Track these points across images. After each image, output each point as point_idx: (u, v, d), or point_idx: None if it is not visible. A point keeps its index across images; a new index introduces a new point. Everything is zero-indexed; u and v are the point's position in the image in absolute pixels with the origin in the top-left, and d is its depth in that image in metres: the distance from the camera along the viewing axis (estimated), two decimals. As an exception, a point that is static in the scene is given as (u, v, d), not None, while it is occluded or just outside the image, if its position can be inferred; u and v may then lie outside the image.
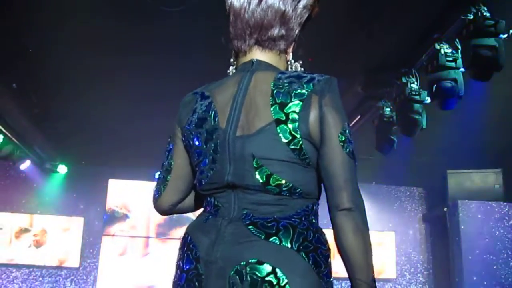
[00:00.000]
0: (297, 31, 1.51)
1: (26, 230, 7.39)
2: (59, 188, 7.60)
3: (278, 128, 1.36)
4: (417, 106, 3.89)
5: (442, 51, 3.42)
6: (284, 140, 1.36)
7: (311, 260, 1.34)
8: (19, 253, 7.32)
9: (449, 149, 6.23)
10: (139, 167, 7.53)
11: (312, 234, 1.38)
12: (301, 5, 1.48)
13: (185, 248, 1.44)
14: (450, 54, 3.42)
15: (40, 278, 7.39)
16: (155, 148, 6.57)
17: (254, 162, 1.37)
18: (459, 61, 3.43)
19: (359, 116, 5.04)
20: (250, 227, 1.35)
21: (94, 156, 7.13)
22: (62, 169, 7.52)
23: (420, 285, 7.94)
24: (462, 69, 3.47)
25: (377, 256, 7.76)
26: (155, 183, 1.65)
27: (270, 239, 1.33)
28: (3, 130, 5.98)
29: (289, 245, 1.33)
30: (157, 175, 1.73)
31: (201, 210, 1.56)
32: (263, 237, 1.33)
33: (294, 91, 1.38)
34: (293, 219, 1.37)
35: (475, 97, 4.41)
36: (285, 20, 1.47)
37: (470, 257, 6.88)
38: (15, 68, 4.86)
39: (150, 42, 4.43)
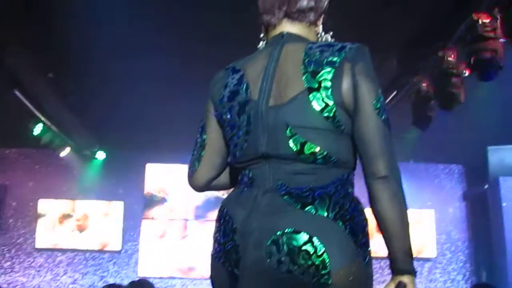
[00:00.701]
0: (326, 3, 1.52)
1: (69, 216, 7.58)
2: (98, 174, 7.75)
3: (310, 96, 1.36)
4: (455, 79, 3.79)
5: (480, 21, 3.31)
6: (317, 108, 1.36)
7: (348, 228, 1.33)
8: (63, 238, 7.53)
9: (489, 124, 6.06)
10: (175, 150, 7.58)
11: (348, 203, 1.37)
12: None
13: (222, 221, 1.46)
14: (489, 24, 3.31)
15: (84, 262, 7.59)
16: (190, 131, 6.65)
17: (287, 131, 1.37)
18: (499, 30, 3.32)
19: (395, 92, 4.94)
20: (285, 197, 1.35)
21: (131, 142, 7.23)
22: (101, 155, 7.66)
23: (460, 264, 7.82)
24: (502, 39, 3.36)
25: (416, 235, 7.67)
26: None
27: (306, 209, 1.33)
28: (43, 118, 6.11)
29: (326, 214, 1.32)
30: None
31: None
32: (298, 206, 1.33)
33: (326, 59, 1.37)
34: (328, 189, 1.36)
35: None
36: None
37: (512, 235, 6.74)
38: (51, 57, 4.94)
39: (186, 26, 4.43)
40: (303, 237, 1.29)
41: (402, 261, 1.39)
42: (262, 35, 1.57)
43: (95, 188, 7.70)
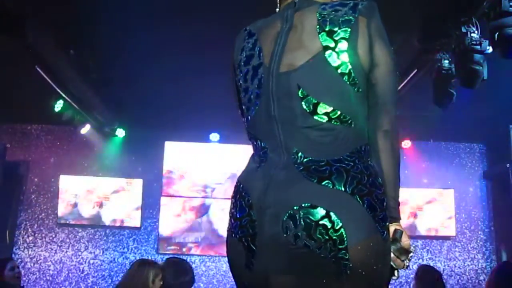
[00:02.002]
0: None
1: (89, 192, 7.68)
2: (118, 151, 7.82)
3: (326, 54, 1.36)
4: (477, 56, 3.70)
5: (505, -4, 3.23)
6: (334, 65, 1.36)
7: (366, 203, 1.31)
8: (84, 214, 7.64)
9: (511, 102, 5.96)
10: (194, 129, 7.63)
11: (366, 178, 1.35)
12: None
13: (238, 196, 1.45)
14: (514, -1, 3.24)
15: (105, 238, 7.71)
16: (208, 110, 6.70)
17: (299, 92, 1.37)
18: (524, 6, 3.25)
19: (415, 70, 4.87)
20: (303, 172, 1.34)
21: (150, 120, 7.27)
22: (120, 132, 7.72)
23: (480, 243, 7.78)
24: (528, 15, 3.28)
25: (436, 213, 7.65)
26: (209, 144, 1.65)
27: (323, 183, 1.31)
28: (64, 95, 6.16)
29: (343, 189, 1.31)
30: (212, 136, 1.83)
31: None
32: (315, 180, 1.32)
33: (341, 18, 1.39)
34: (346, 162, 1.35)
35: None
36: None
37: (534, 214, 6.68)
38: (72, 34, 4.96)
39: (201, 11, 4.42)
40: (320, 211, 1.28)
41: (393, 208, 1.42)
42: (277, 3, 1.57)
43: (115, 165, 7.78)
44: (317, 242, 1.27)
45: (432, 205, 7.73)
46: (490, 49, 3.72)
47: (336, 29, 1.37)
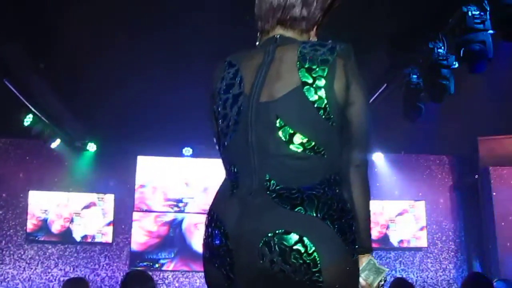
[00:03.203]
0: (319, 15, 1.60)
1: (60, 208, 7.55)
2: (89, 166, 7.72)
3: (304, 89, 1.44)
4: (445, 71, 3.79)
5: (470, 13, 3.31)
6: (311, 99, 1.43)
7: (336, 227, 1.38)
8: (54, 230, 7.50)
9: (479, 115, 6.09)
10: (166, 143, 7.59)
11: (336, 204, 1.42)
12: None
13: (213, 225, 1.50)
14: (478, 16, 3.31)
15: (75, 254, 7.58)
16: (181, 124, 6.67)
17: (277, 122, 1.43)
18: (488, 22, 3.33)
19: (385, 85, 4.95)
20: (275, 199, 1.41)
21: (122, 134, 7.21)
22: (92, 147, 7.63)
23: (452, 253, 7.89)
24: (491, 31, 3.37)
25: (408, 225, 7.74)
26: (182, 158, 1.67)
27: (296, 209, 1.38)
28: (33, 109, 6.08)
29: (315, 214, 1.37)
30: (185, 151, 1.88)
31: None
32: (288, 207, 1.38)
33: (320, 57, 1.47)
34: (316, 190, 1.42)
35: (506, 60, 4.28)
36: (307, 2, 1.56)
37: (503, 223, 6.81)
38: (42, 48, 4.90)
39: (174, 17, 4.41)
40: (294, 237, 1.34)
41: (366, 240, 1.49)
42: (258, 36, 1.65)
43: (86, 180, 7.68)
44: (292, 266, 1.33)
45: (404, 217, 7.82)
46: (456, 64, 3.81)
47: (314, 67, 1.45)
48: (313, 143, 1.42)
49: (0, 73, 5.06)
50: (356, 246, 1.44)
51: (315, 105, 1.43)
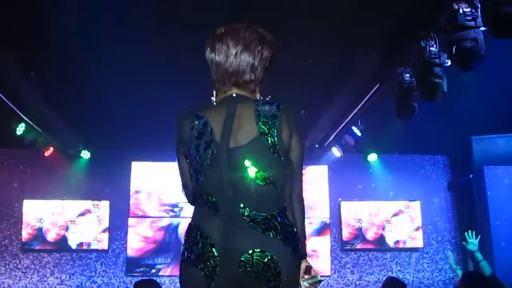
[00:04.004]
0: (262, 75, 2.08)
1: (55, 216, 7.51)
2: (83, 173, 7.70)
3: (262, 137, 1.94)
4: (437, 69, 3.79)
5: (461, 11, 3.32)
6: (267, 145, 1.94)
7: (291, 247, 1.93)
8: (49, 239, 7.46)
9: (473, 114, 6.11)
10: (160, 148, 7.54)
11: (290, 229, 1.96)
12: (263, 57, 2.07)
13: (199, 236, 1.92)
14: (470, 13, 3.32)
15: (71, 262, 7.54)
16: (175, 129, 6.63)
17: (246, 161, 1.92)
18: (479, 19, 3.34)
19: (378, 85, 4.96)
20: (250, 223, 1.89)
21: (116, 140, 7.19)
22: (85, 154, 7.61)
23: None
24: (483, 28, 3.37)
25: (404, 225, 7.75)
26: (176, 163, 2.17)
27: (266, 233, 1.90)
28: (25, 118, 6.05)
29: (279, 238, 1.90)
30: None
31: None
32: (260, 230, 1.89)
33: (270, 113, 1.98)
34: (278, 217, 1.94)
35: (498, 58, 4.29)
36: (254, 68, 2.04)
37: (498, 223, 6.82)
38: (33, 56, 4.88)
39: (169, 24, 4.41)
40: (267, 256, 1.87)
41: (303, 249, 2.04)
42: (214, 95, 2.09)
43: (80, 188, 7.65)
44: (263, 275, 1.86)
45: (399, 217, 7.82)
46: (449, 62, 3.81)
47: (267, 120, 1.96)
48: (272, 179, 1.93)
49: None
50: (300, 255, 2.00)
51: (271, 150, 1.93)
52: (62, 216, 7.53)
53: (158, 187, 7.71)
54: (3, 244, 7.49)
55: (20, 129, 6.19)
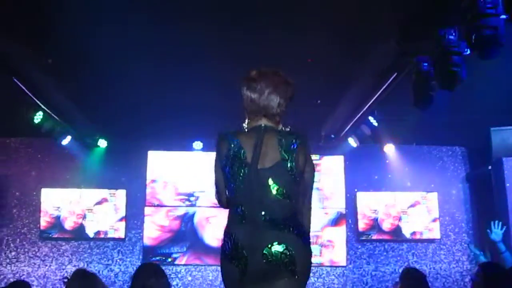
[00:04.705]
0: (284, 110, 2.64)
1: (72, 205, 7.59)
2: (100, 162, 7.76)
3: (283, 162, 2.49)
4: (456, 58, 3.73)
5: (481, -3, 3.25)
6: (287, 169, 2.50)
7: (302, 239, 2.48)
8: (67, 227, 7.55)
9: (492, 105, 6.01)
10: (177, 138, 7.60)
11: (301, 227, 2.52)
12: (288, 97, 2.64)
13: (233, 239, 2.48)
14: (490, 1, 3.25)
15: (89, 250, 7.62)
16: (191, 118, 6.66)
17: (269, 181, 2.48)
18: (500, 7, 3.26)
19: (395, 74, 4.90)
20: (268, 226, 2.44)
21: (132, 129, 7.22)
22: (102, 143, 7.66)
23: (465, 245, 7.82)
24: (504, 16, 3.30)
25: (421, 216, 7.70)
26: (193, 152, 2.86)
27: (281, 230, 2.43)
28: (43, 106, 6.09)
29: (292, 233, 2.45)
30: (195, 145, 4.60)
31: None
32: (276, 229, 2.44)
33: (290, 143, 2.53)
34: (289, 220, 2.48)
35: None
36: (280, 105, 2.60)
37: (516, 214, 6.73)
38: (49, 43, 4.90)
39: (185, 12, 4.40)
40: (283, 246, 2.41)
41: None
42: (247, 121, 2.63)
43: (97, 177, 7.71)
44: (282, 261, 2.40)
45: (416, 208, 7.76)
46: (468, 51, 3.74)
47: (288, 149, 2.51)
48: (288, 194, 2.48)
49: (9, 71, 5.08)
50: (311, 245, 2.57)
51: (289, 172, 2.49)
52: (79, 205, 7.60)
53: (174, 177, 7.74)
54: (22, 232, 7.59)
55: (38, 117, 6.23)
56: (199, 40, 4.86)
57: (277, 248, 2.40)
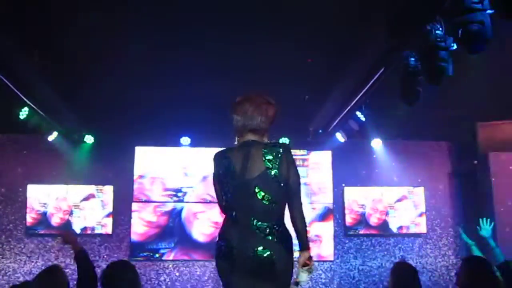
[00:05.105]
0: (268, 126, 3.10)
1: (59, 201, 7.54)
2: (87, 158, 7.70)
3: (268, 171, 2.92)
4: (442, 53, 3.74)
5: (468, -7, 3.27)
6: (272, 176, 2.92)
7: (284, 246, 2.92)
8: (53, 223, 7.50)
9: (478, 100, 6.06)
10: (164, 133, 7.57)
11: (285, 234, 2.95)
12: (269, 115, 3.08)
13: (225, 242, 2.94)
14: (476, -5, 3.27)
15: (76, 246, 7.55)
16: (178, 114, 6.64)
17: (256, 189, 2.90)
18: (486, 2, 3.28)
19: (383, 69, 4.92)
20: (256, 230, 2.88)
21: (119, 125, 7.19)
22: (89, 139, 7.60)
23: (451, 239, 7.90)
24: (490, 11, 3.32)
25: (407, 211, 7.75)
26: (180, 148, 3.24)
27: (267, 237, 2.87)
28: (29, 102, 6.03)
29: (275, 240, 2.89)
30: (183, 140, 6.46)
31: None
32: (263, 235, 2.87)
33: (274, 153, 2.95)
34: (275, 226, 2.91)
35: (505, 42, 4.25)
36: (262, 121, 3.05)
37: (502, 209, 6.81)
38: (35, 40, 4.85)
39: (170, 6, 4.38)
40: (268, 252, 2.84)
41: (305, 242, 2.98)
42: (237, 138, 3.14)
43: (84, 172, 7.66)
44: (265, 263, 2.84)
45: (403, 203, 7.82)
46: (454, 46, 3.76)
47: (271, 158, 2.94)
48: (274, 199, 2.90)
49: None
50: (293, 250, 2.98)
51: (273, 179, 2.91)
52: (66, 201, 7.55)
53: (161, 172, 7.72)
54: (8, 228, 7.52)
55: (24, 113, 6.18)
56: (186, 36, 4.84)
57: (261, 252, 2.85)
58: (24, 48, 4.91)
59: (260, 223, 2.87)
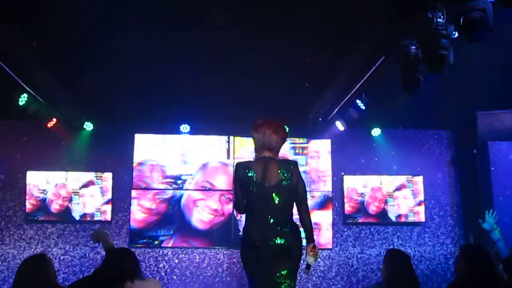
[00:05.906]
0: (281, 146, 4.21)
1: (58, 188, 7.54)
2: (86, 145, 7.69)
3: (282, 181, 4.04)
4: (444, 41, 3.71)
5: (470, -20, 3.24)
6: (285, 185, 4.05)
7: (295, 235, 4.07)
8: (53, 210, 7.51)
9: (478, 89, 6.05)
10: (164, 121, 7.57)
11: (295, 226, 4.12)
12: (282, 138, 4.19)
13: (250, 235, 4.02)
14: (478, -17, 3.25)
15: (75, 233, 7.58)
16: (178, 101, 6.62)
17: (273, 195, 4.02)
18: (488, -11, 3.27)
19: (383, 57, 4.90)
20: (274, 225, 3.98)
21: (119, 112, 7.18)
22: (88, 126, 7.59)
23: (449, 228, 7.92)
24: (492, -2, 3.30)
25: (406, 199, 7.76)
26: (180, 135, 4.97)
27: (283, 229, 4.00)
28: (28, 89, 6.02)
29: (288, 231, 4.02)
30: (182, 128, 7.20)
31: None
32: (279, 228, 3.99)
33: (286, 167, 4.10)
34: (288, 221, 4.07)
35: (507, 30, 4.23)
36: (277, 142, 4.15)
37: (501, 198, 6.82)
38: (33, 24, 4.82)
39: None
40: (283, 240, 3.96)
41: (311, 236, 4.12)
42: (255, 154, 4.23)
43: (84, 159, 7.66)
44: (282, 249, 3.94)
45: (402, 192, 7.82)
46: (456, 34, 3.74)
47: (284, 172, 4.05)
48: (285, 202, 4.02)
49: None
50: (302, 237, 4.14)
51: (286, 188, 4.01)
52: (66, 188, 7.55)
53: (161, 160, 7.71)
54: (7, 215, 7.53)
55: (23, 99, 6.16)
56: (186, 23, 4.82)
57: (279, 241, 3.90)
58: (23, 34, 4.89)
59: (276, 219, 3.96)
